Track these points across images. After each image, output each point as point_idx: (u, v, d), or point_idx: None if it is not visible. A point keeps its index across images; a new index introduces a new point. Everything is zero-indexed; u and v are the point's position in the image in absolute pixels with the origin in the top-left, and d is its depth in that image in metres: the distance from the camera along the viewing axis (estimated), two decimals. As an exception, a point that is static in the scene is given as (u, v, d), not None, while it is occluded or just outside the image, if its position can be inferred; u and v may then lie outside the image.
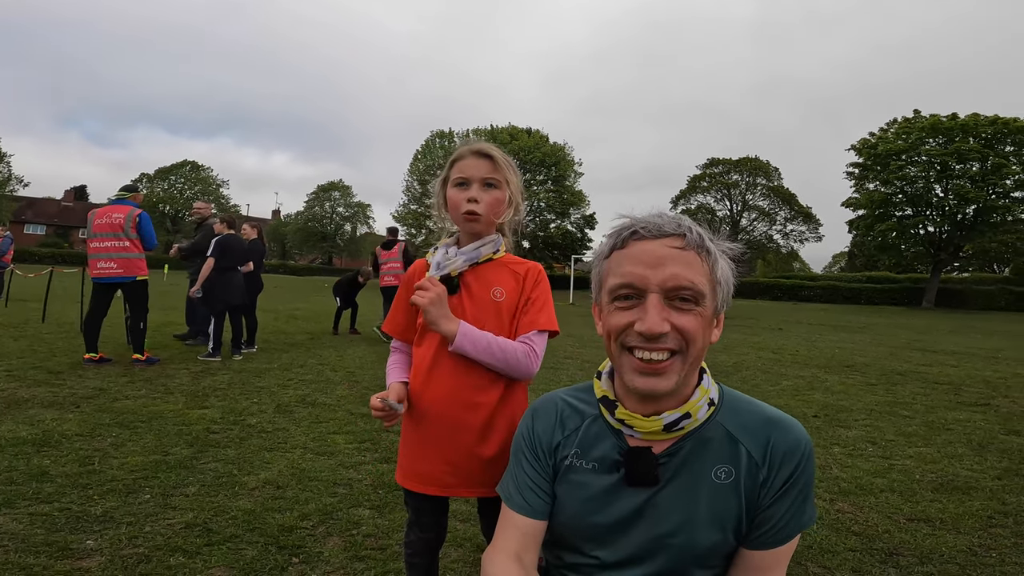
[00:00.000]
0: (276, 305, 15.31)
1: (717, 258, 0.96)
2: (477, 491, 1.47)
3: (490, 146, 1.46)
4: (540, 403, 1.17)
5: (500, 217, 1.48)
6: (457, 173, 1.45)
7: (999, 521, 2.85)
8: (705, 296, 0.94)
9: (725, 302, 0.99)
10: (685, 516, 0.98)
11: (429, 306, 1.37)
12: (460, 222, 1.46)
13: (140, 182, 55.51)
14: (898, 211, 32.56)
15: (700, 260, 0.94)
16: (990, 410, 5.39)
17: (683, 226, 0.96)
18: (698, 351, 0.95)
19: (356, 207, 62.39)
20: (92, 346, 5.99)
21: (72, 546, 2.30)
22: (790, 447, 0.97)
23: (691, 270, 0.93)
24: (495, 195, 1.44)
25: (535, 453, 1.11)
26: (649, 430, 0.99)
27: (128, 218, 5.99)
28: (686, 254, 0.94)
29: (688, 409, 0.98)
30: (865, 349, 10.28)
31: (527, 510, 1.08)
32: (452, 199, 1.45)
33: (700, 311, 0.94)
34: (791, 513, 0.96)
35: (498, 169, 1.44)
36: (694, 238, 0.95)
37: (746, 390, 6.04)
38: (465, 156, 1.45)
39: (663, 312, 0.92)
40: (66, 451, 3.32)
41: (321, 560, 2.31)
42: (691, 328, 0.93)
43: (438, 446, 1.45)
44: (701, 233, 0.96)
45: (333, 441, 3.80)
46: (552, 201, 38.99)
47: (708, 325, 0.96)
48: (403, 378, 1.55)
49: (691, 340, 0.93)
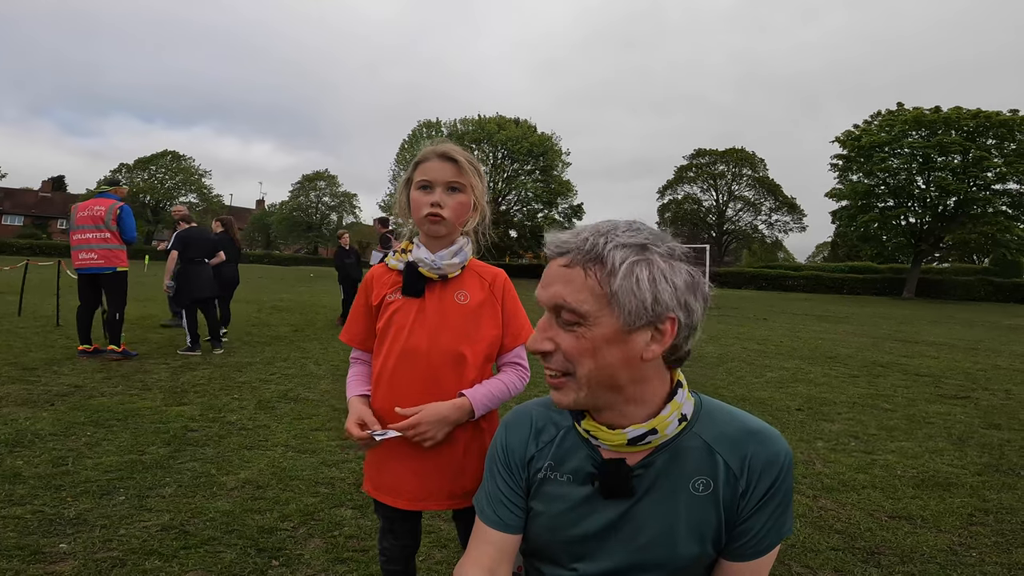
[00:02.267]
0: (260, 296, 15.14)
1: (618, 268, 0.86)
2: (444, 503, 1.44)
3: (455, 148, 1.41)
4: (512, 415, 1.14)
5: (464, 224, 1.44)
6: (420, 176, 1.40)
7: (979, 519, 2.87)
8: (588, 315, 0.87)
9: (646, 314, 0.87)
10: (663, 528, 0.96)
11: (437, 433, 1.36)
12: (421, 223, 1.41)
13: (119, 172, 54.54)
14: (880, 202, 32.96)
15: (585, 275, 0.88)
16: (970, 403, 5.46)
17: (570, 243, 0.90)
18: (594, 372, 0.90)
19: (342, 197, 61.93)
20: (86, 338, 6.00)
21: (45, 550, 2.24)
22: (769, 459, 0.95)
23: (569, 288, 0.88)
24: (459, 199, 1.40)
25: (508, 467, 1.09)
26: (614, 443, 0.96)
27: (109, 211, 6.01)
28: (570, 271, 0.89)
29: (655, 425, 0.95)
30: (848, 340, 10.39)
31: (500, 525, 1.06)
32: (415, 201, 1.40)
33: (583, 331, 0.89)
34: (770, 525, 0.95)
35: (463, 173, 1.39)
36: (580, 254, 0.88)
37: (731, 382, 6.08)
38: (429, 158, 1.40)
39: (547, 331, 0.93)
40: (39, 451, 3.24)
41: (302, 562, 2.27)
42: (568, 348, 0.90)
43: (404, 458, 1.42)
44: (596, 244, 0.87)
45: (316, 438, 3.75)
46: (540, 191, 38.94)
47: (603, 345, 0.89)
48: (363, 391, 1.50)
49: (573, 360, 0.90)
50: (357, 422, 1.39)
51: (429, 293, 1.43)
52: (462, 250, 1.44)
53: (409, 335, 1.41)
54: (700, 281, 0.92)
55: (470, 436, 1.43)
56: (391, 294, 1.46)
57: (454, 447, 1.41)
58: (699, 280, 0.92)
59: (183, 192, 55.72)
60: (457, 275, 1.45)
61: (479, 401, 1.38)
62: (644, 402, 0.95)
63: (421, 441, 1.35)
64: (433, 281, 1.43)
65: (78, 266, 6.02)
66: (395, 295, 1.45)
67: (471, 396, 1.38)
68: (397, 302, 1.44)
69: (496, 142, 38.51)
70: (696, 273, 0.92)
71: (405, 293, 1.43)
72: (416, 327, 1.41)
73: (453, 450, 1.41)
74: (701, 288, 0.92)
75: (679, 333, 0.90)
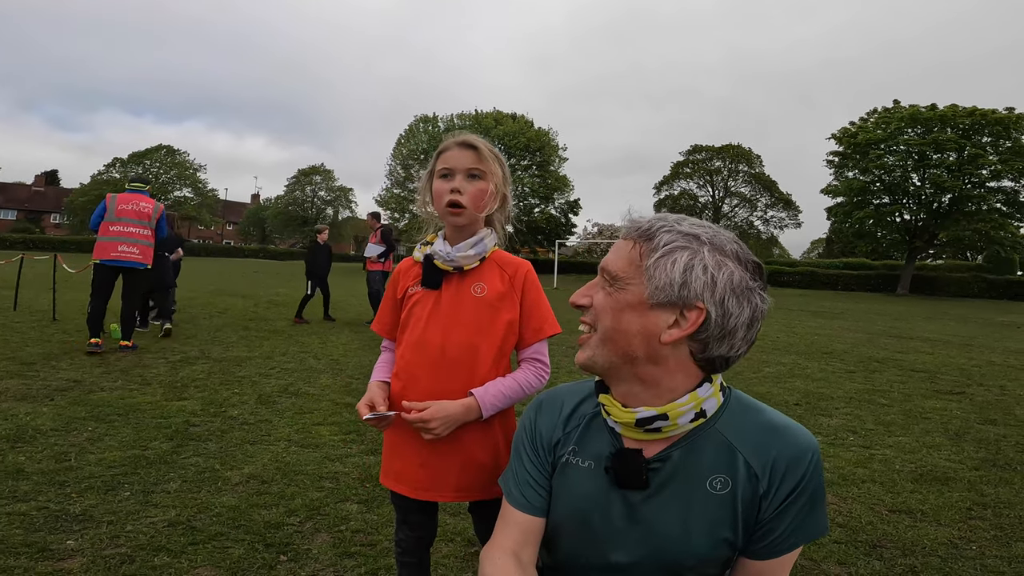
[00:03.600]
0: (256, 291, 15.10)
1: (660, 247, 0.91)
2: (450, 495, 1.45)
3: (475, 137, 1.44)
4: (545, 397, 1.15)
5: (484, 210, 1.44)
6: (442, 164, 1.43)
7: (978, 513, 2.90)
8: (620, 279, 0.94)
9: (672, 294, 0.89)
10: (677, 524, 0.96)
11: (443, 431, 1.36)
12: (444, 215, 1.44)
13: (113, 167, 54.10)
14: (876, 199, 33.02)
15: (631, 246, 0.95)
16: (965, 398, 5.51)
17: (635, 223, 0.97)
18: (611, 331, 0.94)
19: (338, 191, 61.69)
20: (97, 331, 5.94)
21: (52, 547, 2.24)
22: (793, 457, 0.93)
23: (616, 255, 0.97)
24: (478, 186, 1.42)
25: (535, 448, 1.09)
26: (622, 420, 0.97)
27: (155, 210, 6.36)
28: (624, 244, 0.97)
29: (667, 410, 0.94)
30: (843, 335, 10.45)
31: (526, 506, 1.06)
32: (437, 190, 1.43)
33: (613, 291, 0.95)
34: (795, 524, 0.93)
35: (482, 160, 1.42)
36: (637, 231, 0.96)
37: (730, 377, 6.11)
38: (450, 148, 1.44)
39: (591, 289, 1.00)
40: (41, 447, 3.24)
41: (310, 558, 2.28)
42: (598, 303, 0.97)
43: (414, 447, 1.44)
44: (653, 226, 0.94)
45: (318, 433, 3.75)
46: (536, 186, 38.83)
47: (627, 308, 0.93)
48: (384, 377, 1.53)
49: (597, 314, 0.97)
50: (367, 403, 1.44)
51: (446, 285, 1.45)
52: (481, 241, 1.45)
53: (425, 328, 1.42)
54: (753, 289, 0.92)
55: (479, 430, 1.43)
56: (413, 287, 1.48)
57: (462, 441, 1.42)
58: (752, 287, 0.92)
59: (178, 186, 55.30)
60: (475, 267, 1.45)
61: (488, 402, 1.39)
62: (660, 387, 0.95)
63: (424, 433, 1.37)
64: (451, 273, 1.44)
65: (115, 257, 5.99)
66: (416, 287, 1.47)
67: (480, 397, 1.38)
68: (417, 294, 1.46)
69: (493, 137, 38.40)
70: (751, 281, 0.91)
71: (423, 285, 1.45)
72: (431, 320, 1.43)
73: (461, 443, 1.42)
74: (751, 296, 0.91)
75: (706, 327, 0.90)
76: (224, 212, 66.54)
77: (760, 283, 0.93)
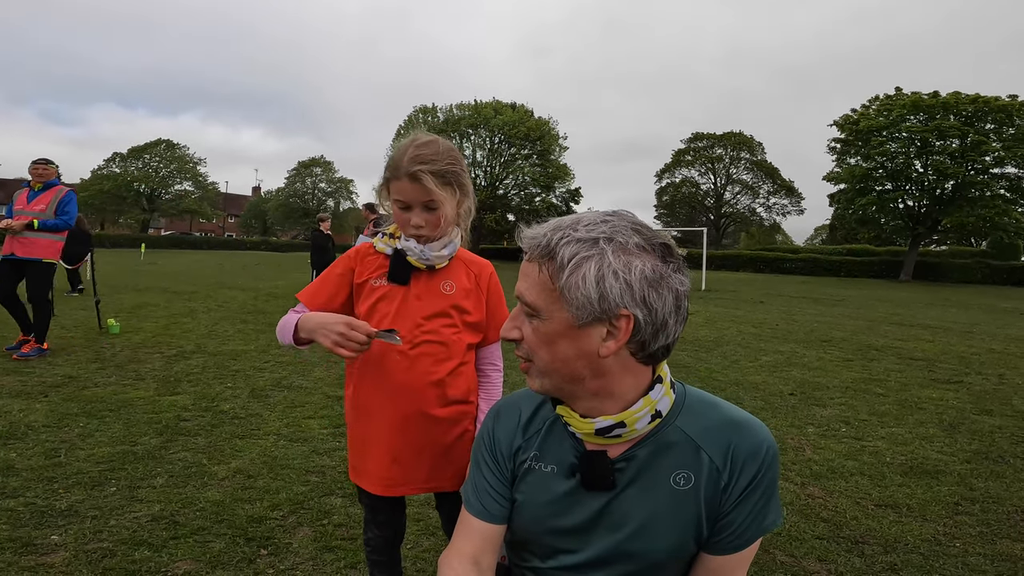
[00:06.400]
0: (256, 283, 15.12)
1: (566, 264, 0.86)
2: (422, 487, 1.47)
3: (420, 167, 1.35)
4: (503, 404, 1.14)
5: (448, 227, 1.44)
6: (396, 195, 1.39)
7: (965, 508, 2.89)
8: (541, 309, 0.91)
9: (594, 311, 0.86)
10: (643, 521, 0.97)
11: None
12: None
13: (112, 161, 53.98)
14: (878, 186, 32.79)
15: (539, 271, 0.90)
16: (962, 388, 5.48)
17: (531, 239, 0.92)
18: (550, 363, 0.93)
19: (339, 183, 61.58)
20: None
21: (36, 541, 2.26)
22: (751, 451, 0.95)
23: (526, 283, 0.93)
24: (439, 215, 1.39)
25: (494, 457, 1.09)
26: (583, 431, 0.97)
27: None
28: (529, 266, 0.93)
29: (624, 418, 0.94)
30: (843, 323, 10.42)
31: (485, 515, 1.06)
32: (396, 216, 1.42)
33: (538, 324, 0.92)
34: (751, 517, 0.95)
35: (432, 192, 1.36)
36: (537, 250, 0.91)
37: (726, 366, 6.10)
38: (401, 178, 1.37)
39: (516, 320, 0.97)
40: (32, 443, 3.25)
41: (290, 552, 2.29)
42: (528, 338, 0.95)
43: (384, 443, 1.44)
44: (551, 240, 0.89)
45: (307, 426, 3.76)
46: (537, 176, 38.71)
47: (557, 338, 0.90)
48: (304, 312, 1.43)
49: (531, 349, 0.95)
50: (345, 323, 1.27)
51: (415, 281, 1.44)
52: (452, 242, 1.46)
53: (392, 323, 1.42)
54: (667, 274, 0.88)
55: (450, 424, 1.45)
56: (377, 279, 1.46)
57: (432, 434, 1.43)
58: (665, 274, 0.88)
59: (178, 180, 55.23)
60: (444, 265, 1.46)
61: None
62: (614, 396, 0.95)
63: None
64: (420, 270, 1.44)
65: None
66: (380, 280, 1.45)
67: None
68: (383, 288, 1.45)
69: (493, 127, 38.17)
70: (662, 267, 0.88)
71: (391, 280, 1.44)
72: (400, 315, 1.42)
73: (435, 438, 1.43)
74: (668, 282, 0.88)
75: (639, 330, 0.88)
76: (225, 205, 66.53)
77: (673, 263, 0.89)
